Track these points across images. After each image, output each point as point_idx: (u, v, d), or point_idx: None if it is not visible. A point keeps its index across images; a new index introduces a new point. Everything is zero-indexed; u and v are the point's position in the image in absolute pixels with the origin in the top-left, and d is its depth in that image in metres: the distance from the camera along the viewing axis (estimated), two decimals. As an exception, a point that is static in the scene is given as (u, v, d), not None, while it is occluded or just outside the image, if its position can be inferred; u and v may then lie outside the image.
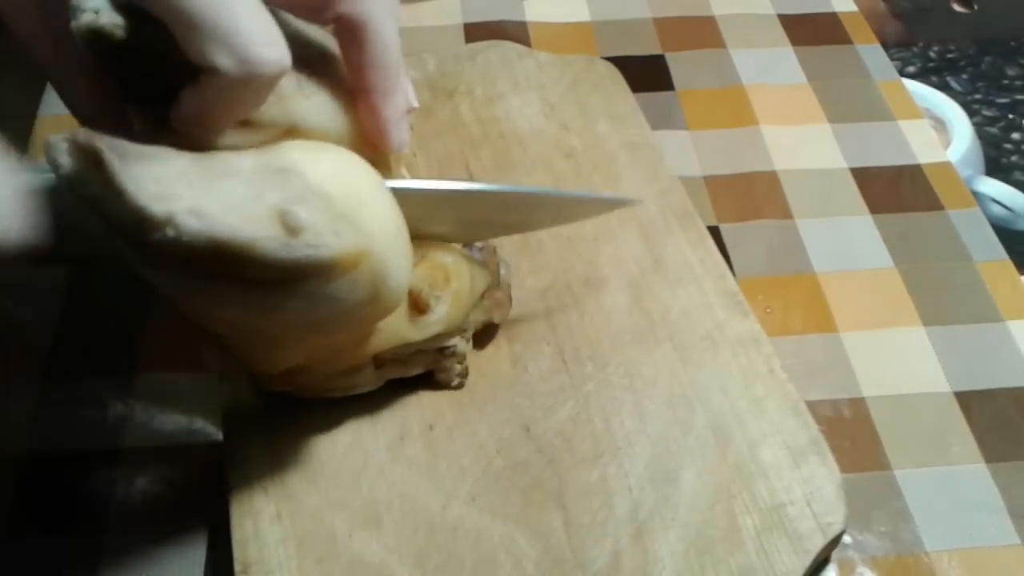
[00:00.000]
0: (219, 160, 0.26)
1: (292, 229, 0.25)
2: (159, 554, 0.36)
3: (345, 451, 0.37)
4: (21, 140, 0.50)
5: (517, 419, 0.38)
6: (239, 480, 0.36)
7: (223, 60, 0.24)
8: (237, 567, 0.34)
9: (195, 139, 0.27)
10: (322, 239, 0.26)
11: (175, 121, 0.26)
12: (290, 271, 0.26)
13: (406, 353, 0.36)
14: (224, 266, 0.25)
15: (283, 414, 0.38)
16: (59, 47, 0.28)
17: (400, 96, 0.31)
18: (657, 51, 0.58)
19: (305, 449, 0.37)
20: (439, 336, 0.35)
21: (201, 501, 0.37)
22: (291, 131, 0.29)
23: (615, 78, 0.53)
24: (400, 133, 0.31)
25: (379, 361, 0.35)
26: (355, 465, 0.37)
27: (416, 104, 0.32)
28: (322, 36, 0.31)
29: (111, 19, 0.26)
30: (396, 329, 0.34)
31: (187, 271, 0.26)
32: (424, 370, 0.38)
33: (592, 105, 0.51)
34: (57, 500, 0.37)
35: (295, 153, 0.28)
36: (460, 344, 0.37)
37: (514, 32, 0.58)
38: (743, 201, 0.49)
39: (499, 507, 0.36)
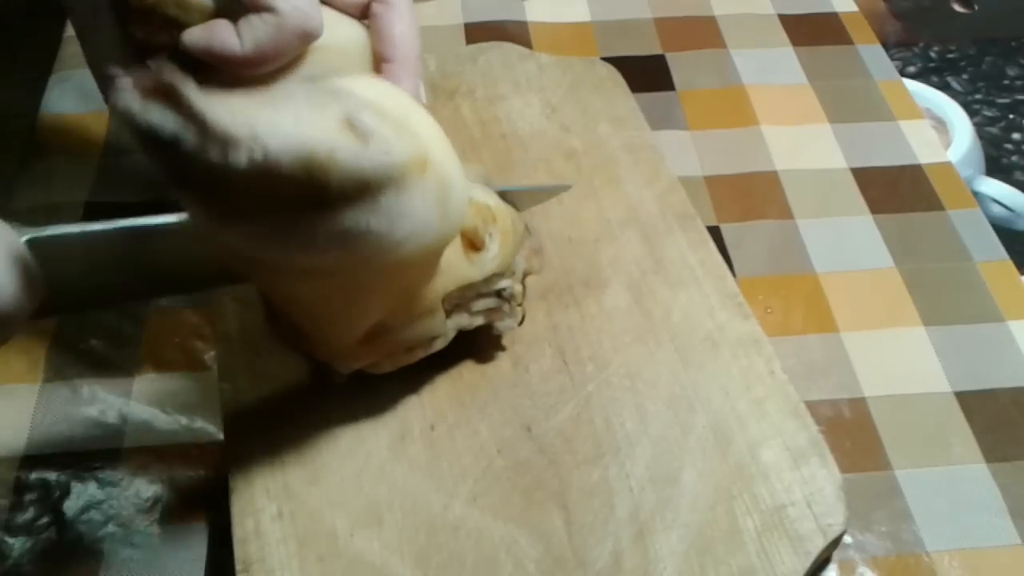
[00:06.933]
0: (271, 90, 0.27)
1: (361, 135, 0.26)
2: (160, 554, 0.36)
3: (346, 450, 0.37)
4: (21, 140, 0.50)
5: (518, 419, 0.38)
6: (240, 479, 0.36)
7: (283, 4, 0.29)
8: (238, 566, 0.34)
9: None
10: (389, 144, 0.27)
11: (221, 60, 0.29)
12: (368, 180, 0.27)
13: (468, 297, 0.37)
14: (307, 187, 0.26)
15: (284, 414, 0.38)
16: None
17: (417, 79, 0.34)
18: (657, 51, 0.58)
19: (306, 448, 0.37)
20: (495, 277, 0.37)
21: (202, 500, 0.37)
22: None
23: (615, 80, 0.53)
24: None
25: (447, 307, 0.36)
26: (356, 464, 0.37)
27: (424, 100, 0.35)
28: None
29: None
30: (458, 269, 0.36)
31: (271, 209, 0.26)
32: (485, 321, 0.38)
33: (593, 107, 0.51)
34: (57, 500, 0.37)
35: (335, 79, 0.29)
36: (515, 286, 0.38)
37: (514, 32, 0.58)
38: (743, 201, 0.49)
39: (500, 507, 0.36)
